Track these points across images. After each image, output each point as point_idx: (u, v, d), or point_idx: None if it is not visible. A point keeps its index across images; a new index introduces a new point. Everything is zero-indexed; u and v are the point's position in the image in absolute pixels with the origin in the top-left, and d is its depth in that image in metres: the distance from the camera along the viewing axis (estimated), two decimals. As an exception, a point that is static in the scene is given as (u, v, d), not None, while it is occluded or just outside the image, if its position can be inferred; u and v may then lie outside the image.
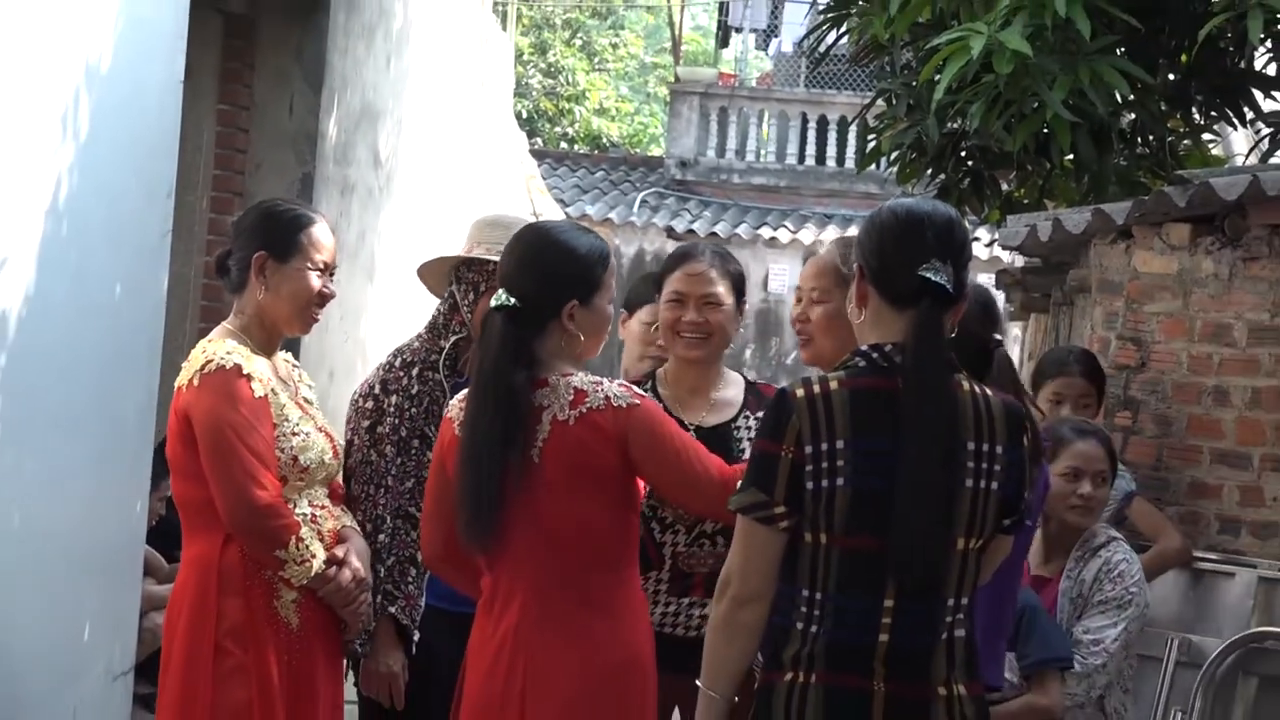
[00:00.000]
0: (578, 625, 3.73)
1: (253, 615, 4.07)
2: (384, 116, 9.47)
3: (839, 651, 3.19)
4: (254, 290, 4.21)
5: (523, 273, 3.83)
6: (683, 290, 4.39)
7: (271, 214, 4.30)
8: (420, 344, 4.53)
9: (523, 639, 3.73)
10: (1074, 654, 4.48)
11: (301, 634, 4.14)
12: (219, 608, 4.05)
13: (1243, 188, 5.79)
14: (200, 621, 4.06)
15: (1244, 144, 9.74)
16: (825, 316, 4.03)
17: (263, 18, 8.12)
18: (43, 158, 5.20)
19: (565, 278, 3.83)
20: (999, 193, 8.37)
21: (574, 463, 3.72)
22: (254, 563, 4.08)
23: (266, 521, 4.05)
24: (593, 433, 3.71)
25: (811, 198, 21.32)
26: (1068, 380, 5.44)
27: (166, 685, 4.11)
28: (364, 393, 4.48)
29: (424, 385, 4.42)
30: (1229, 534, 5.94)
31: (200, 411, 4.06)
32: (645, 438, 3.74)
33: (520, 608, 3.74)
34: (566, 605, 3.73)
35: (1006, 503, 3.27)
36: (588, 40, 29.92)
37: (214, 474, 4.04)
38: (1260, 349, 5.92)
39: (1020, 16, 6.25)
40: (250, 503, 4.02)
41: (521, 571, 3.75)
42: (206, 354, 4.12)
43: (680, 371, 4.46)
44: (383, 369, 4.51)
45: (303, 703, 4.14)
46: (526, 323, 3.78)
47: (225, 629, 4.05)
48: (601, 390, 3.74)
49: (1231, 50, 7.38)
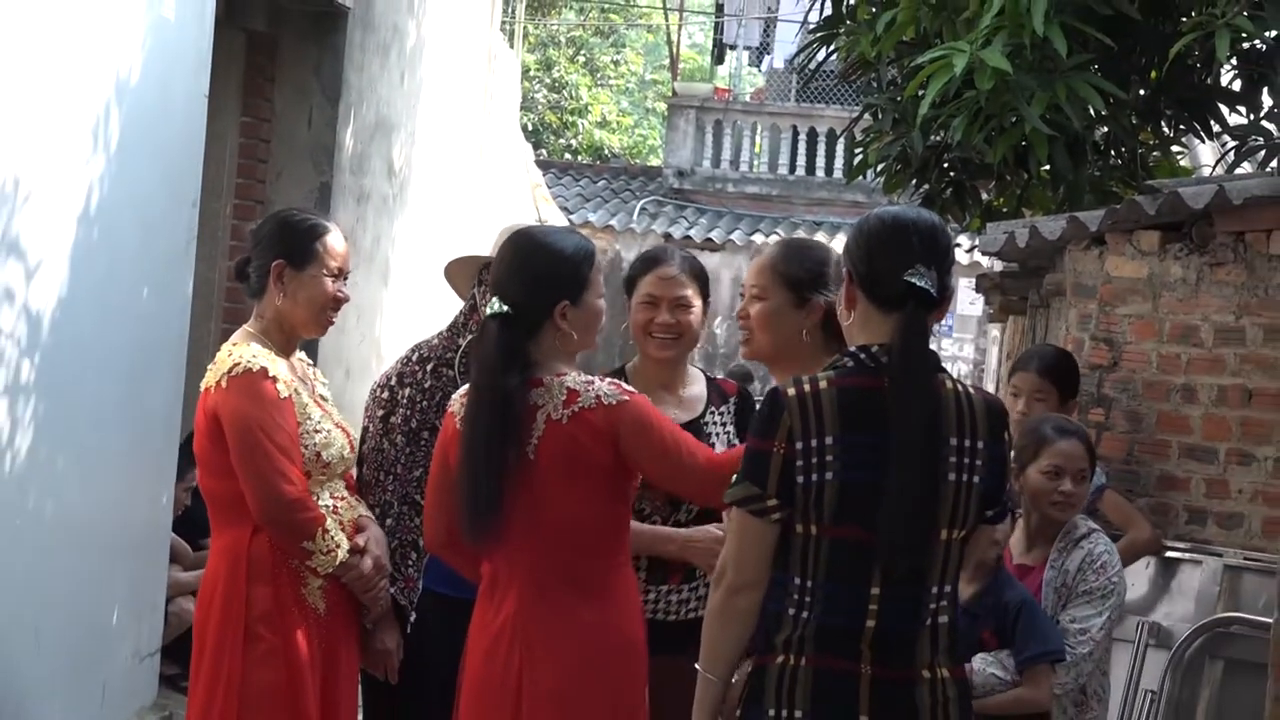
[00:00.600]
0: (572, 612, 3.73)
1: (282, 601, 4.09)
2: (398, 129, 9.47)
3: (828, 636, 3.18)
4: (273, 296, 4.22)
5: (513, 279, 3.82)
6: (655, 293, 4.40)
7: (288, 224, 4.31)
8: (439, 341, 4.54)
9: (520, 626, 3.73)
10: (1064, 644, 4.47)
11: (328, 618, 4.17)
12: (249, 595, 4.07)
13: (1209, 197, 5.78)
14: (232, 608, 4.07)
15: (1211, 156, 9.73)
16: (763, 313, 3.95)
17: (284, 36, 8.12)
18: (75, 167, 5.20)
19: (554, 280, 3.81)
20: (979, 202, 8.37)
21: (568, 459, 3.71)
22: (281, 552, 4.10)
23: (294, 514, 4.06)
24: (585, 430, 3.70)
25: (802, 206, 21.33)
26: (1024, 375, 5.45)
27: (200, 670, 4.12)
28: (382, 383, 4.49)
29: (437, 381, 4.42)
30: (1196, 524, 5.93)
31: (229, 412, 4.07)
32: (635, 432, 3.73)
33: (517, 596, 3.75)
34: (561, 593, 3.73)
35: (988, 495, 3.26)
36: (590, 57, 29.90)
37: (244, 471, 4.05)
38: (1225, 349, 5.91)
39: (1000, 36, 6.25)
40: (279, 497, 4.04)
41: (518, 562, 3.76)
42: (233, 357, 4.13)
43: (650, 370, 4.47)
44: (401, 363, 4.51)
45: (330, 682, 4.16)
46: (520, 327, 3.77)
47: (256, 615, 4.07)
48: (593, 389, 3.74)
49: (1199, 68, 7.38)
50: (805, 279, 3.92)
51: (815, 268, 3.94)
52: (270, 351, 4.18)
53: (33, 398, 4.98)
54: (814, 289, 3.91)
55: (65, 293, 5.14)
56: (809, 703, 3.16)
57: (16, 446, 4.92)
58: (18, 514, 4.96)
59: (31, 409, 4.98)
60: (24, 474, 4.98)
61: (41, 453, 5.06)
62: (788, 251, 3.99)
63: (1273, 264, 5.83)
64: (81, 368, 5.29)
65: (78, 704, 5.45)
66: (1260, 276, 5.85)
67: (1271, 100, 7.46)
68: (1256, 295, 5.86)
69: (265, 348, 4.18)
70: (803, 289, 3.91)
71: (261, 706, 4.05)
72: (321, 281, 4.25)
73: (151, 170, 5.72)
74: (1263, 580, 5.58)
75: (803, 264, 3.94)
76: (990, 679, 4.29)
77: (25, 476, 4.99)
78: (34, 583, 5.09)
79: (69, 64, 5.11)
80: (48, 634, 5.18)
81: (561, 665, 3.70)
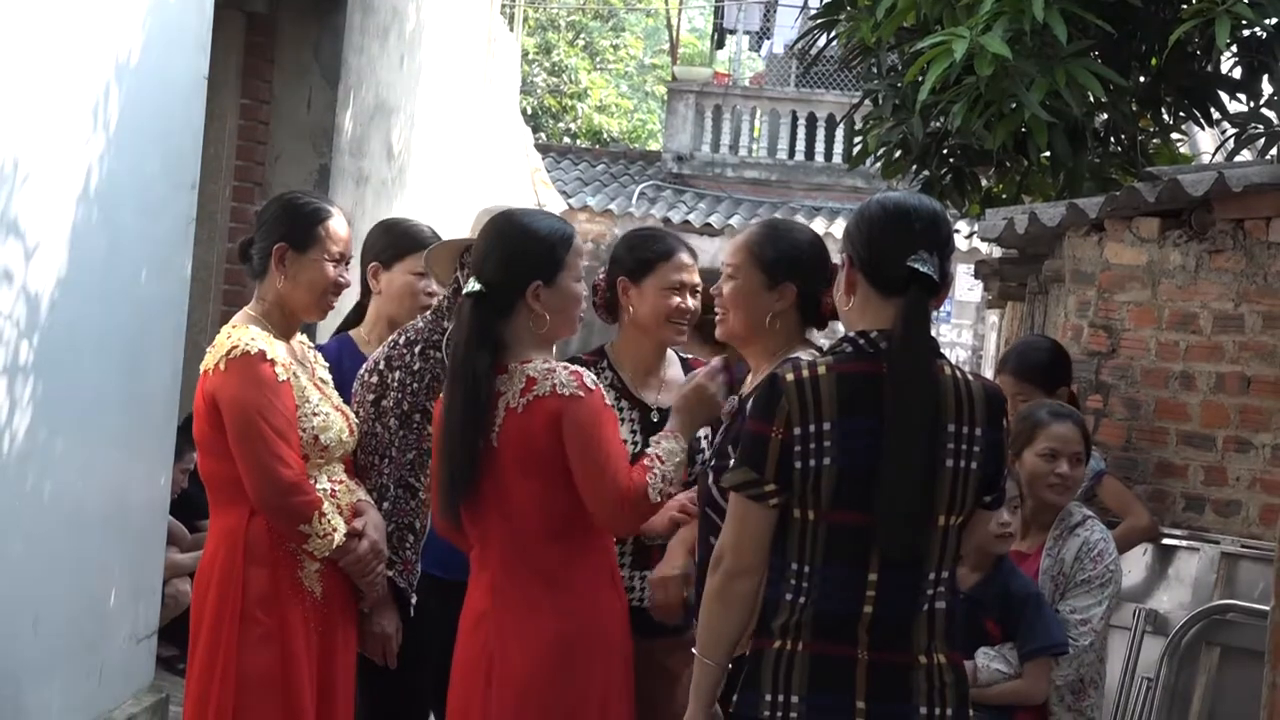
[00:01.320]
0: (537, 601, 3.75)
1: (279, 585, 4.09)
2: (397, 112, 9.45)
3: (825, 621, 3.18)
4: (274, 278, 4.22)
5: (487, 259, 3.84)
6: (684, 280, 4.43)
7: (291, 206, 4.31)
8: (425, 324, 4.54)
9: (491, 614, 3.77)
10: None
11: (325, 602, 4.16)
12: (246, 578, 4.07)
13: (1209, 184, 5.78)
14: (228, 591, 4.07)
15: (1210, 143, 9.74)
16: (733, 292, 3.84)
17: (283, 17, 8.11)
18: (74, 149, 5.19)
19: (527, 259, 3.82)
20: (979, 188, 8.38)
21: (524, 448, 3.72)
22: (278, 535, 4.10)
23: (291, 499, 4.06)
24: (539, 418, 3.72)
25: (801, 191, 21.31)
26: (1002, 378, 5.45)
27: (196, 652, 4.12)
28: (370, 368, 4.48)
29: (426, 363, 4.42)
30: (1194, 511, 5.93)
31: (227, 395, 4.06)
32: (577, 428, 3.72)
33: (490, 583, 3.79)
34: (527, 581, 3.76)
35: (986, 481, 3.26)
36: (590, 41, 29.86)
37: (241, 455, 4.05)
38: (1224, 336, 5.92)
39: (1000, 22, 6.24)
40: (276, 481, 4.04)
41: (490, 549, 3.79)
42: (231, 340, 4.12)
43: (639, 353, 4.50)
44: (389, 346, 4.52)
45: (326, 666, 4.16)
46: (493, 307, 3.78)
47: (253, 598, 4.06)
48: (551, 379, 3.74)
49: (1199, 54, 7.37)
50: (778, 261, 3.82)
51: (789, 251, 3.84)
52: (269, 334, 4.17)
53: (31, 379, 4.98)
54: (787, 272, 3.82)
55: (64, 275, 5.13)
56: (805, 688, 3.17)
57: (14, 428, 4.91)
58: (15, 495, 4.96)
59: (30, 391, 4.98)
60: (22, 456, 4.97)
61: (39, 435, 5.05)
62: (765, 232, 3.91)
63: (1272, 251, 5.83)
64: (80, 349, 5.28)
65: (75, 685, 5.45)
66: (1259, 264, 5.86)
67: (1271, 87, 7.46)
68: (1255, 282, 5.87)
69: (265, 330, 4.18)
70: (775, 271, 3.81)
71: (257, 689, 4.04)
72: (323, 265, 4.24)
73: (151, 152, 5.71)
74: (1260, 567, 5.59)
75: (776, 246, 3.85)
76: (994, 674, 4.31)
77: (23, 458, 4.98)
78: (32, 564, 5.09)
79: (68, 45, 5.10)
80: (45, 616, 5.18)
81: (526, 654, 3.73)
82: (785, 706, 3.17)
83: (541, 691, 3.72)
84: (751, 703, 3.21)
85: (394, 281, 4.91)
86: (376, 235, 5.06)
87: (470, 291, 3.79)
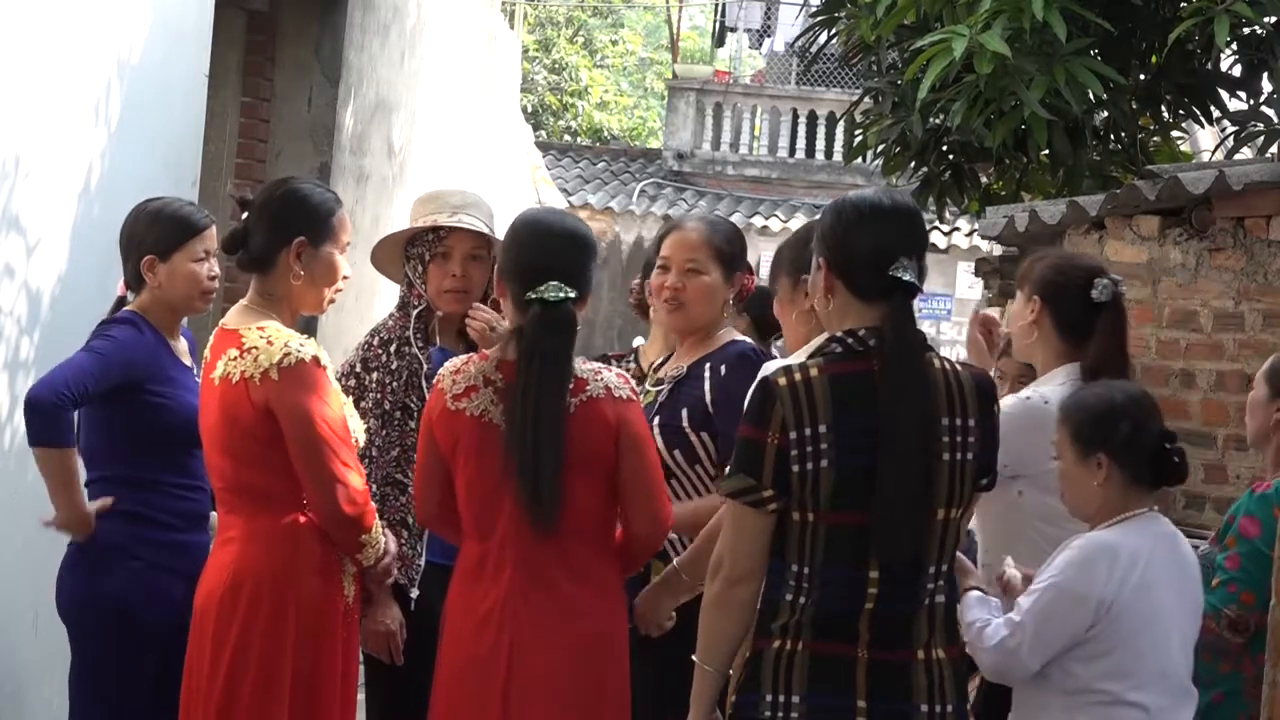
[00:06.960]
0: (564, 598, 3.72)
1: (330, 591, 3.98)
2: (397, 109, 9.45)
3: (826, 621, 3.18)
4: (286, 273, 4.00)
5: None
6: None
7: (307, 200, 4.06)
8: (394, 322, 4.55)
9: (511, 608, 3.71)
10: None
11: (354, 607, 4.09)
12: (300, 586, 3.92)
13: (1209, 182, 5.78)
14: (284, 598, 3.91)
15: (1210, 141, 9.73)
16: (704, 287, 4.30)
17: (284, 15, 8.11)
18: (75, 146, 5.20)
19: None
20: (978, 185, 8.37)
21: (579, 450, 3.69)
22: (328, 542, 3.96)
23: (363, 510, 3.94)
24: (595, 421, 3.71)
25: (801, 189, 21.30)
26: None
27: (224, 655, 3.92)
28: (345, 371, 4.47)
29: (402, 360, 4.43)
30: (1194, 509, 5.93)
31: (288, 407, 3.85)
32: (633, 438, 3.75)
33: (510, 579, 3.73)
34: (554, 578, 3.73)
35: (981, 468, 3.28)
36: (590, 38, 29.84)
37: (310, 468, 3.87)
38: (1224, 334, 5.92)
39: (1000, 20, 6.25)
40: (351, 494, 3.89)
41: (511, 544, 3.74)
42: (275, 344, 3.89)
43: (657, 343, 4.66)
44: (361, 348, 4.52)
45: (346, 669, 4.07)
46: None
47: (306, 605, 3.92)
48: (601, 379, 3.74)
49: (1199, 53, 7.37)
50: (734, 256, 4.36)
51: (740, 246, 4.41)
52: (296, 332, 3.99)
53: (32, 375, 4.97)
54: (738, 265, 4.38)
55: (65, 271, 5.14)
56: (805, 687, 3.17)
57: (15, 423, 4.91)
58: (15, 491, 4.96)
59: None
60: (22, 451, 4.96)
61: (40, 432, 5.04)
62: (717, 229, 4.38)
63: (1272, 249, 5.83)
64: (81, 345, 5.28)
65: (76, 682, 5.44)
66: (1259, 262, 5.86)
67: (1271, 85, 7.46)
68: (1255, 281, 5.87)
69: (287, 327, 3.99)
70: (732, 265, 4.35)
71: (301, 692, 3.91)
72: (336, 259, 4.07)
73: (152, 150, 5.71)
74: (1259, 565, 5.58)
75: (730, 241, 4.37)
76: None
77: (24, 453, 4.97)
78: (32, 562, 5.08)
79: (70, 43, 5.10)
80: (45, 616, 5.18)
81: (553, 650, 3.70)
82: (785, 706, 3.17)
83: (572, 690, 3.70)
84: (752, 703, 3.21)
85: (176, 272, 4.37)
86: (143, 225, 4.40)
87: (559, 299, 3.70)
